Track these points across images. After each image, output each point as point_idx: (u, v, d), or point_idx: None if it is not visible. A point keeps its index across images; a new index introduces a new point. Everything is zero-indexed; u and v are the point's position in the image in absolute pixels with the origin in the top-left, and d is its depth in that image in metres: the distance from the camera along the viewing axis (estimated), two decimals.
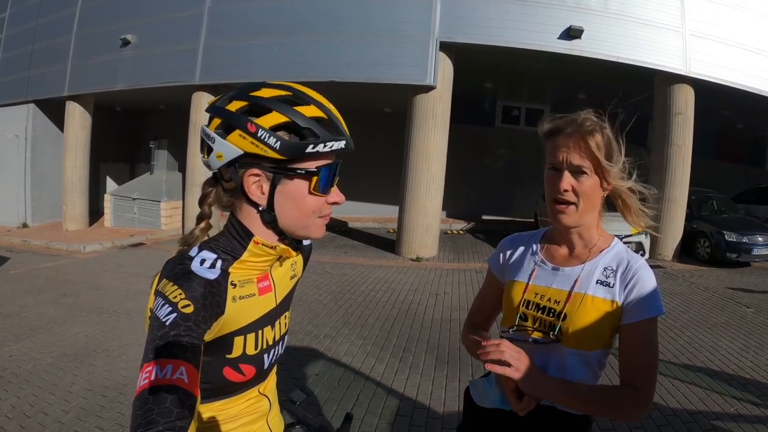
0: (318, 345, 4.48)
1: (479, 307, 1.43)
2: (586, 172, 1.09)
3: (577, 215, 1.12)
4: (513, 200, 14.30)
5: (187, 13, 10.16)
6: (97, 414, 3.21)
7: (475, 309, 1.44)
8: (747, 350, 4.49)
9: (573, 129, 1.10)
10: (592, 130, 1.08)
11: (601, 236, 1.19)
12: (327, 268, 7.84)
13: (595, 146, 1.07)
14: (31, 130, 12.54)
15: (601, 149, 1.08)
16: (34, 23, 12.69)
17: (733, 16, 8.85)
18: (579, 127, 1.10)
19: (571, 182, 1.09)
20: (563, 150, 1.10)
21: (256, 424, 1.02)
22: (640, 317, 1.08)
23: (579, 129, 1.09)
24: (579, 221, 1.13)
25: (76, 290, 6.54)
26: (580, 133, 1.09)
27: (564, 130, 1.11)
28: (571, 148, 1.09)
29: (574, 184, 1.09)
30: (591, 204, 1.12)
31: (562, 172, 1.10)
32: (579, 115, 1.12)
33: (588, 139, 1.08)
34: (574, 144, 1.09)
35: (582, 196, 1.10)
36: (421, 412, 3.30)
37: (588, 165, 1.08)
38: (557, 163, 1.11)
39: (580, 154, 1.08)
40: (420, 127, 8.83)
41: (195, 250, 0.89)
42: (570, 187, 1.09)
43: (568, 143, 1.10)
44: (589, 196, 1.10)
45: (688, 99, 8.85)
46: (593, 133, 1.08)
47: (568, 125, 1.11)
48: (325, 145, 0.85)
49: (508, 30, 8.45)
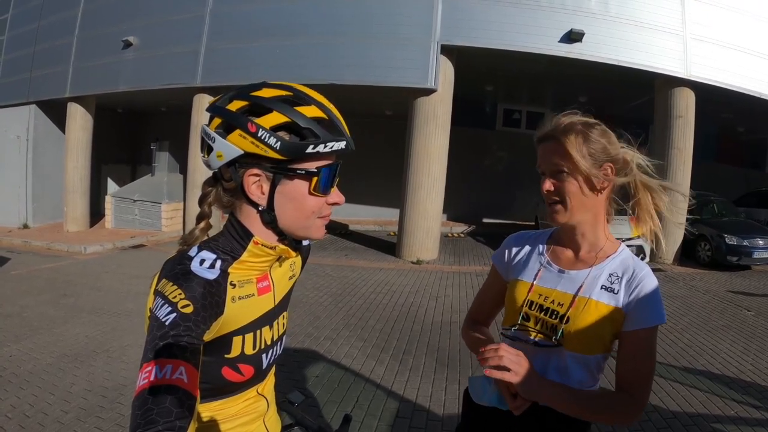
0: (318, 347, 4.48)
1: (480, 304, 1.43)
2: (564, 171, 1.12)
3: (568, 213, 1.14)
4: (514, 203, 14.29)
5: (188, 15, 10.19)
6: (96, 414, 3.21)
7: (477, 306, 1.44)
8: (747, 353, 4.48)
9: (550, 133, 1.15)
10: (566, 130, 1.12)
11: (609, 241, 1.19)
12: (327, 271, 7.84)
13: (571, 145, 1.10)
14: (33, 131, 12.58)
15: (577, 147, 1.10)
16: (36, 25, 12.73)
17: (733, 19, 8.86)
18: (553, 130, 1.14)
19: (552, 182, 1.14)
20: (541, 155, 1.16)
21: (253, 424, 1.02)
22: (642, 325, 1.08)
23: (553, 132, 1.14)
24: (571, 219, 1.15)
25: (77, 291, 6.54)
26: (554, 136, 1.13)
27: (547, 135, 1.16)
28: (547, 152, 1.15)
29: (556, 184, 1.13)
30: (581, 203, 1.13)
31: (545, 177, 1.15)
32: (558, 119, 1.16)
33: (562, 140, 1.11)
34: (550, 148, 1.14)
35: (567, 194, 1.12)
36: (421, 414, 3.29)
37: (566, 165, 1.11)
38: (541, 169, 1.17)
39: (554, 156, 1.12)
40: (421, 130, 8.84)
41: (194, 250, 0.88)
42: (551, 187, 1.14)
43: (545, 148, 1.15)
44: (575, 194, 1.12)
45: (688, 102, 8.85)
46: (567, 134, 1.11)
47: (548, 131, 1.16)
48: (325, 145, 0.85)
49: (508, 33, 8.46)
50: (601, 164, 1.12)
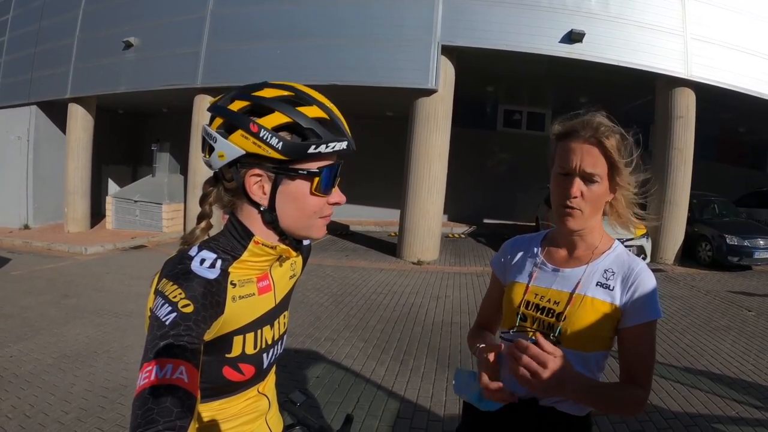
0: (319, 348, 4.47)
1: (484, 310, 1.44)
2: (597, 180, 1.07)
3: (583, 219, 1.11)
4: (514, 204, 14.30)
5: (189, 16, 10.20)
6: (97, 415, 3.21)
7: (481, 311, 1.45)
8: (748, 353, 4.48)
9: (588, 133, 1.06)
10: (607, 133, 1.05)
11: (603, 238, 1.18)
12: (328, 271, 7.83)
13: (612, 151, 1.05)
14: (34, 131, 12.60)
15: (618, 153, 1.06)
16: (37, 26, 12.75)
17: (733, 20, 8.86)
18: (594, 131, 1.06)
19: (581, 189, 1.07)
20: (576, 155, 1.07)
21: (255, 423, 1.02)
22: (640, 321, 1.08)
23: (594, 133, 1.06)
24: (584, 225, 1.13)
25: (78, 292, 6.55)
26: (596, 138, 1.05)
27: (578, 132, 1.08)
28: (584, 153, 1.06)
29: (584, 191, 1.07)
30: (597, 208, 1.12)
31: (573, 178, 1.08)
32: (594, 118, 1.08)
33: (604, 144, 1.05)
34: (588, 149, 1.06)
35: (592, 200, 1.09)
36: (422, 415, 3.29)
37: (599, 172, 1.07)
38: (569, 168, 1.08)
39: (593, 160, 1.06)
40: (421, 131, 8.84)
41: (195, 249, 0.88)
42: (579, 194, 1.07)
43: (581, 148, 1.07)
44: (596, 202, 1.10)
45: (689, 102, 8.85)
46: (609, 137, 1.05)
47: (583, 128, 1.07)
48: (327, 145, 0.85)
49: (509, 33, 8.46)
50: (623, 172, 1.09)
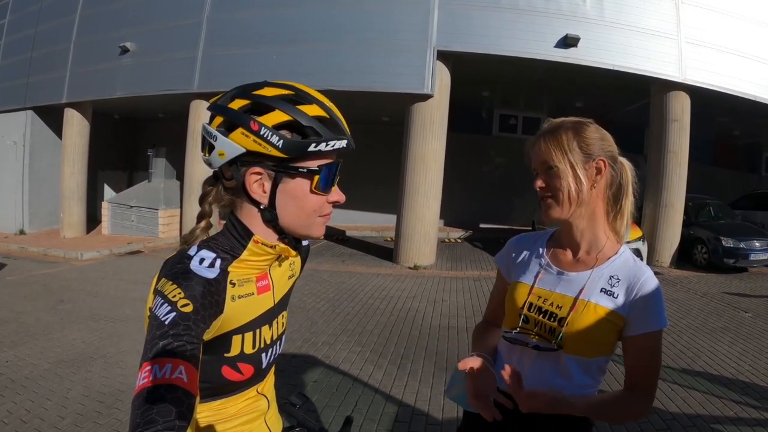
0: (316, 352, 4.46)
1: (490, 306, 1.45)
2: (552, 167, 1.13)
3: (559, 208, 1.14)
4: (510, 208, 14.31)
5: (186, 21, 10.20)
6: (94, 420, 3.18)
7: (489, 306, 1.47)
8: (745, 354, 4.50)
9: (538, 135, 1.19)
10: (551, 129, 1.16)
11: (609, 241, 1.17)
12: (325, 277, 7.82)
13: (554, 141, 1.13)
14: (30, 136, 12.54)
15: (564, 142, 1.12)
16: (33, 30, 12.73)
17: (727, 24, 8.95)
18: (540, 131, 1.19)
19: (542, 179, 1.16)
20: (531, 155, 1.20)
21: (254, 423, 1.02)
22: (645, 330, 1.08)
23: (540, 133, 1.18)
24: (563, 214, 1.14)
25: (74, 297, 6.51)
26: (539, 137, 1.18)
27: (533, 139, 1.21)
28: (535, 151, 1.18)
29: (546, 180, 1.15)
30: (571, 197, 1.12)
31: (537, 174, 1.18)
32: (546, 123, 1.21)
33: (544, 139, 1.15)
34: (536, 148, 1.17)
35: (557, 189, 1.13)
36: (420, 419, 3.28)
37: (552, 160, 1.13)
38: (532, 169, 1.20)
39: (542, 153, 1.15)
40: (417, 136, 8.85)
41: (194, 249, 0.88)
42: (542, 184, 1.16)
43: (534, 149, 1.19)
44: (564, 189, 1.12)
45: (684, 106, 8.91)
46: (552, 132, 1.15)
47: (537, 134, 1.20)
48: (327, 144, 0.86)
49: (505, 38, 8.50)
50: (594, 158, 1.12)
